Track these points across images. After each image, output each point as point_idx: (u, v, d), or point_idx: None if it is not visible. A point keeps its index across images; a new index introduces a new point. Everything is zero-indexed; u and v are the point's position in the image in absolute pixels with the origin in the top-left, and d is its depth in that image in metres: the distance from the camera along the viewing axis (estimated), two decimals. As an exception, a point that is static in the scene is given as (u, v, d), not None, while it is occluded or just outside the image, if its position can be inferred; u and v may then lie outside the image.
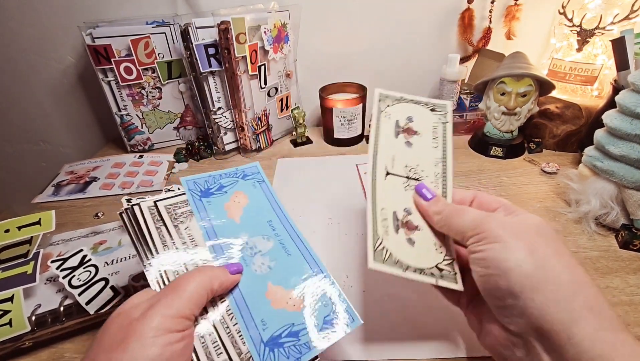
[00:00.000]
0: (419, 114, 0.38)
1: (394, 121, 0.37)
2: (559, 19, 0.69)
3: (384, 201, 0.33)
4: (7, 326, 0.36)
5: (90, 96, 0.86)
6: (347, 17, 0.79)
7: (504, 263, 0.23)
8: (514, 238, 0.24)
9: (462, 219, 0.28)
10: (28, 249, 0.43)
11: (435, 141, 0.37)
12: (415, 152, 0.36)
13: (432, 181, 0.34)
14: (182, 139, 0.83)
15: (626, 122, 0.45)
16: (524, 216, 0.27)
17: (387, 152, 0.35)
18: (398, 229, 0.32)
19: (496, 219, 0.26)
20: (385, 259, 0.30)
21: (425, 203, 0.32)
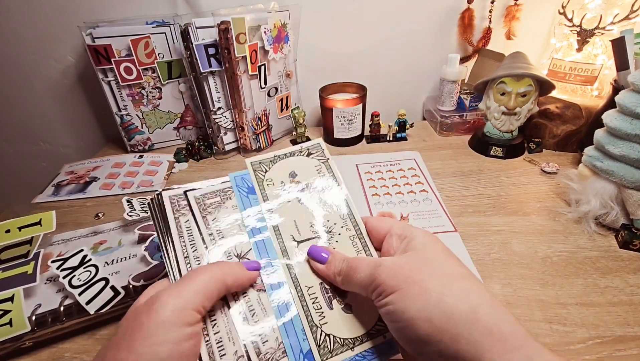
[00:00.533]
0: (299, 165, 0.36)
1: (279, 184, 0.35)
2: (559, 19, 0.69)
3: (306, 278, 0.30)
4: (8, 326, 0.36)
5: (90, 96, 0.86)
6: (347, 17, 0.79)
7: (405, 313, 0.23)
8: (407, 282, 0.24)
9: (357, 276, 0.26)
10: (28, 249, 0.43)
11: (327, 182, 0.35)
12: (313, 206, 0.34)
13: (342, 225, 0.33)
14: (182, 139, 0.83)
15: (626, 122, 0.45)
16: (414, 238, 0.27)
17: (287, 221, 0.33)
18: (331, 302, 0.29)
19: (386, 268, 0.25)
20: (332, 348, 0.27)
21: (323, 267, 0.29)
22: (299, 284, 0.30)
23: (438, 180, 0.63)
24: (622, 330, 0.37)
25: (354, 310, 0.29)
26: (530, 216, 0.53)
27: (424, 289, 0.23)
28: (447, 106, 0.79)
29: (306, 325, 0.28)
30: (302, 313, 0.28)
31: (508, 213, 0.54)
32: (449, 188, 0.61)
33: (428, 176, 0.64)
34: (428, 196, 0.59)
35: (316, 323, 0.28)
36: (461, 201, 0.57)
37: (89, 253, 0.42)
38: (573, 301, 0.40)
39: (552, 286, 0.42)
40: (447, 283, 0.23)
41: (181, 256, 0.30)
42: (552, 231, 0.50)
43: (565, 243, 0.48)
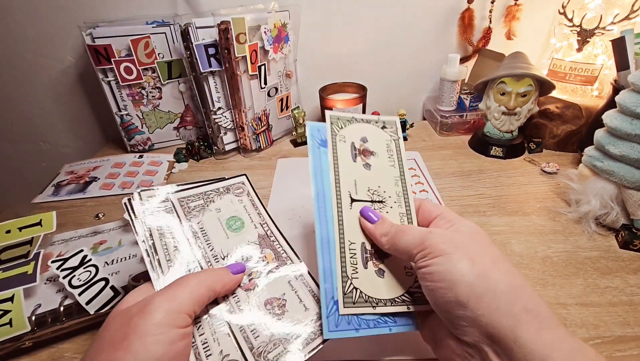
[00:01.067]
0: (372, 133, 0.37)
1: (350, 144, 0.36)
2: (559, 19, 0.69)
3: (351, 233, 0.32)
4: (7, 326, 0.36)
5: (90, 96, 0.86)
6: (347, 17, 0.79)
7: (449, 274, 0.24)
8: (456, 250, 0.25)
9: (406, 238, 0.28)
10: (29, 249, 0.43)
11: (391, 159, 0.37)
12: (375, 174, 0.35)
13: (395, 201, 0.34)
14: (182, 139, 0.83)
15: (626, 122, 0.45)
16: (462, 225, 0.29)
17: (348, 177, 0.34)
18: (367, 262, 0.31)
19: (438, 234, 0.27)
20: (356, 300, 0.29)
21: (372, 226, 0.32)
22: (343, 237, 0.31)
23: (438, 180, 0.63)
24: (622, 330, 0.37)
25: (386, 276, 0.31)
26: (530, 216, 0.53)
27: (473, 259, 0.24)
28: (447, 106, 0.79)
29: (338, 273, 0.30)
30: (339, 262, 0.30)
31: (508, 213, 0.54)
32: (449, 188, 0.61)
33: (428, 176, 0.64)
34: (428, 196, 0.59)
35: (348, 275, 0.30)
36: (461, 201, 0.57)
37: (89, 253, 0.42)
38: (573, 301, 0.40)
39: (552, 286, 0.42)
40: (493, 261, 0.25)
41: (164, 262, 0.30)
42: (552, 231, 0.50)
43: (565, 243, 0.48)
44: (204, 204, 0.35)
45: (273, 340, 0.28)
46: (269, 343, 0.28)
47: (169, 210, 0.34)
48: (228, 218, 0.36)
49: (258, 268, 0.33)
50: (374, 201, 0.34)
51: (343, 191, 0.33)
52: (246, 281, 0.31)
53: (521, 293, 0.23)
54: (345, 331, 0.29)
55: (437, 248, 0.26)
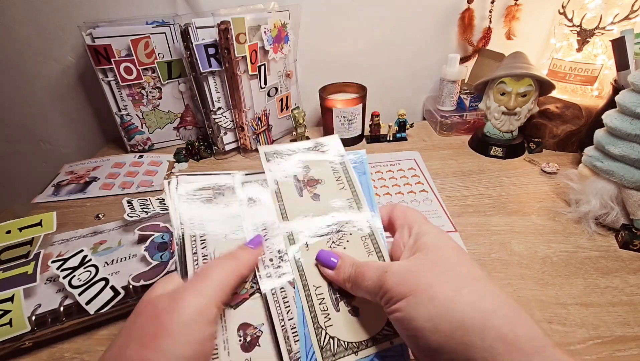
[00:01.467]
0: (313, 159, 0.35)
1: (292, 177, 0.34)
2: (559, 19, 0.69)
3: (315, 277, 0.29)
4: (7, 326, 0.36)
5: (90, 96, 0.86)
6: (347, 17, 0.79)
7: (413, 322, 0.22)
8: (414, 289, 0.23)
9: (365, 282, 0.26)
10: (29, 250, 0.43)
11: (340, 181, 0.34)
12: (326, 202, 0.33)
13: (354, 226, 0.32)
14: (182, 139, 0.83)
15: (626, 122, 0.45)
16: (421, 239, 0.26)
17: (300, 219, 0.32)
18: (338, 303, 0.29)
19: (394, 272, 0.24)
20: (335, 352, 0.27)
21: (333, 273, 0.28)
22: (307, 283, 0.29)
23: (438, 180, 0.63)
24: (622, 330, 0.37)
25: (361, 313, 0.29)
26: (530, 216, 0.53)
27: (433, 296, 0.22)
28: (447, 106, 0.79)
29: (311, 326, 0.27)
30: (308, 314, 0.28)
31: (508, 213, 0.54)
32: (449, 188, 0.61)
33: (428, 176, 0.64)
34: (428, 196, 0.59)
35: (321, 324, 0.28)
36: (461, 201, 0.57)
37: (89, 253, 0.42)
38: (573, 301, 0.40)
39: (552, 286, 0.42)
40: (458, 287, 0.22)
41: (190, 254, 0.29)
42: (552, 231, 0.50)
43: (565, 243, 0.48)
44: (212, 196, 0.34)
45: None
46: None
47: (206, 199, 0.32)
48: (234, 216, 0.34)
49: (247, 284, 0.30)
50: (330, 233, 0.31)
51: (296, 234, 0.31)
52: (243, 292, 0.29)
53: (493, 318, 0.21)
54: None
55: (396, 292, 0.23)
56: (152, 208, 0.51)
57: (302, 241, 0.31)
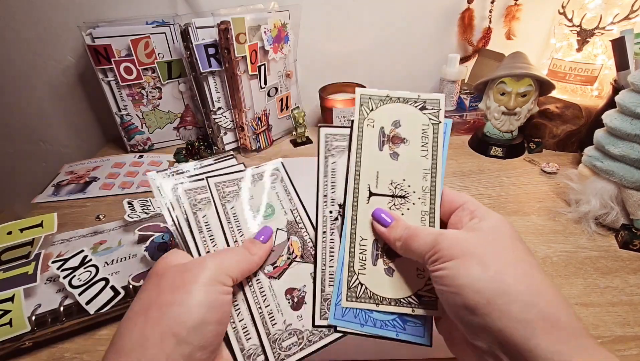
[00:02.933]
0: (408, 115, 0.33)
1: (379, 129, 0.32)
2: (559, 19, 0.69)
3: (364, 230, 0.31)
4: (8, 326, 0.36)
5: (90, 96, 0.86)
6: (347, 17, 0.79)
7: (457, 280, 0.23)
8: (466, 253, 0.24)
9: (417, 243, 0.27)
10: (29, 250, 0.43)
11: (425, 148, 0.32)
12: (402, 165, 0.32)
13: (419, 197, 0.31)
14: (182, 139, 0.83)
15: (626, 122, 0.45)
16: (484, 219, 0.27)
17: (370, 168, 0.32)
18: (377, 259, 0.30)
19: (449, 236, 0.26)
20: (359, 295, 0.29)
21: (385, 230, 0.30)
22: (355, 232, 0.31)
23: (438, 180, 0.63)
24: (622, 330, 0.37)
25: (395, 275, 0.30)
26: (530, 216, 0.53)
27: (483, 263, 0.23)
28: (447, 106, 0.79)
29: (345, 268, 0.30)
30: (347, 257, 0.30)
31: (508, 213, 0.54)
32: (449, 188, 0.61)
33: (428, 176, 0.64)
34: (428, 196, 0.59)
35: (355, 270, 0.30)
36: (461, 201, 0.57)
37: (89, 253, 0.42)
38: (573, 301, 0.40)
39: (552, 286, 0.42)
40: (509, 264, 0.23)
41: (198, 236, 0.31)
42: (552, 231, 0.50)
43: (565, 243, 0.48)
44: (237, 190, 0.35)
45: (289, 329, 0.29)
46: (284, 332, 0.29)
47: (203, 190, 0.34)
48: (260, 205, 0.35)
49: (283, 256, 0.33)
50: (395, 195, 0.31)
51: (362, 184, 0.31)
52: (270, 269, 0.32)
53: (539, 298, 0.22)
54: (349, 323, 0.29)
55: (447, 252, 0.25)
56: (152, 208, 0.51)
57: (365, 193, 0.31)
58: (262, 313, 0.30)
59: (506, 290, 0.22)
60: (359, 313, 0.29)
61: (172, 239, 0.46)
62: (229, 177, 0.35)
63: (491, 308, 0.22)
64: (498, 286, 0.22)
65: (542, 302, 0.21)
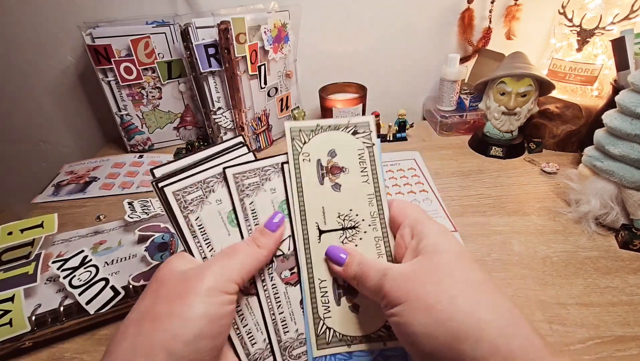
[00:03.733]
0: (342, 143, 0.32)
1: (316, 162, 0.31)
2: (559, 19, 0.69)
3: (321, 270, 0.29)
4: (8, 326, 0.36)
5: (90, 96, 0.86)
6: (347, 17, 0.79)
7: (409, 327, 0.22)
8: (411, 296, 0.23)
9: (367, 284, 0.26)
10: (30, 250, 0.43)
11: (364, 173, 0.31)
12: (346, 195, 0.31)
13: (369, 224, 0.30)
14: (182, 139, 0.83)
15: (626, 122, 0.45)
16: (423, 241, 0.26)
17: (315, 205, 0.30)
18: (340, 298, 0.29)
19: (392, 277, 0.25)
20: (330, 340, 0.28)
21: (341, 270, 0.28)
22: (312, 276, 0.30)
23: (438, 180, 0.63)
24: (622, 330, 0.37)
25: (361, 311, 0.29)
26: (530, 216, 0.53)
27: (429, 305, 0.22)
28: (447, 106, 0.79)
29: (310, 316, 0.29)
30: (309, 303, 0.29)
31: (508, 213, 0.54)
32: (449, 188, 0.61)
33: (428, 176, 0.64)
34: (428, 196, 0.59)
35: (320, 315, 0.29)
36: (461, 201, 0.57)
37: (89, 253, 0.42)
38: (573, 301, 0.40)
39: (552, 286, 0.42)
40: (455, 296, 0.22)
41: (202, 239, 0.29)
42: (552, 231, 0.50)
43: (565, 243, 0.48)
44: (259, 182, 0.31)
45: (300, 338, 0.29)
46: (296, 340, 0.29)
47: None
48: (281, 202, 0.32)
49: None
50: (345, 228, 0.30)
51: (310, 223, 0.30)
52: (288, 275, 0.30)
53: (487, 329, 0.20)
54: None
55: (394, 297, 0.24)
56: (152, 209, 0.51)
57: (315, 232, 0.30)
58: (276, 320, 0.29)
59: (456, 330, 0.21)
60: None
61: (172, 239, 0.46)
62: (247, 167, 0.31)
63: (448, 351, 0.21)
64: (448, 327, 0.21)
65: (492, 333, 0.20)
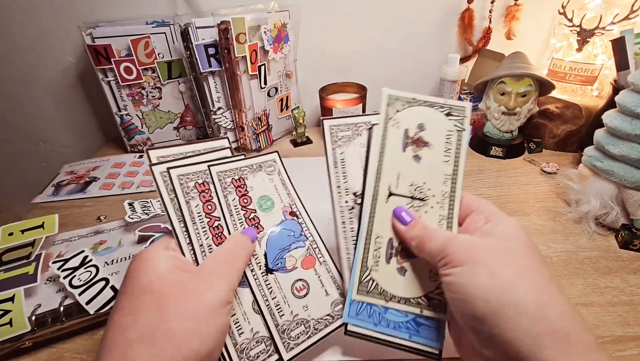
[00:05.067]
0: (433, 120, 0.33)
1: (403, 131, 0.32)
2: (559, 19, 0.69)
3: (381, 227, 0.31)
4: (8, 326, 0.36)
5: (90, 96, 0.86)
6: (347, 17, 0.79)
7: (465, 288, 0.23)
8: (476, 260, 0.23)
9: (430, 244, 0.27)
10: (30, 251, 0.44)
11: (447, 153, 0.32)
12: (423, 168, 0.32)
13: (438, 201, 0.31)
14: (182, 139, 0.82)
15: (626, 122, 0.45)
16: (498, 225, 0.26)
17: (392, 169, 0.32)
18: (390, 258, 0.31)
19: (459, 242, 0.25)
20: (370, 290, 0.30)
21: (403, 229, 0.30)
22: (371, 229, 0.31)
23: (438, 180, 0.63)
24: (622, 330, 0.37)
25: (407, 275, 0.30)
26: (530, 216, 0.53)
27: (492, 272, 0.23)
28: (447, 106, 0.79)
29: (359, 263, 0.30)
30: (361, 253, 0.31)
31: (508, 213, 0.53)
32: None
33: (428, 176, 0.64)
34: (428, 196, 0.59)
35: (368, 265, 0.30)
36: (461, 201, 0.57)
37: (90, 253, 0.42)
38: (573, 301, 0.40)
39: (552, 286, 0.42)
40: (520, 274, 0.23)
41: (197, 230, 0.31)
42: (552, 231, 0.50)
43: (565, 243, 0.48)
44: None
45: (296, 319, 0.30)
46: (292, 322, 0.30)
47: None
48: (259, 197, 0.34)
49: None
50: (414, 197, 0.31)
51: (382, 183, 0.32)
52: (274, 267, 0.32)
53: (549, 311, 0.21)
54: (364, 322, 0.30)
55: (457, 258, 0.24)
56: (153, 209, 0.51)
57: (385, 192, 0.32)
58: (270, 305, 0.30)
59: (515, 301, 0.21)
60: (373, 313, 0.30)
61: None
62: (229, 167, 0.33)
63: (500, 318, 0.21)
64: (507, 297, 0.21)
65: (552, 315, 0.21)
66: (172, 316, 0.23)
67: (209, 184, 0.32)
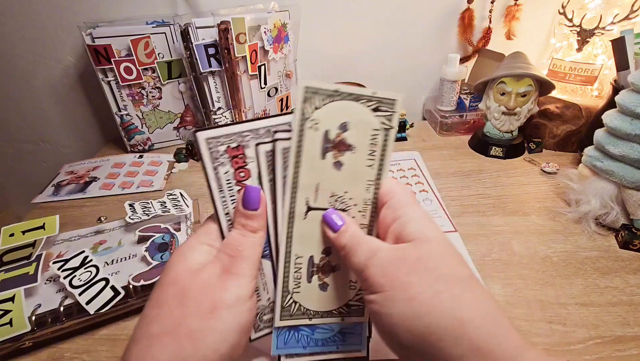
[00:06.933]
0: (357, 117, 0.27)
1: (323, 133, 0.27)
2: (559, 19, 0.69)
3: (300, 246, 0.28)
4: (8, 326, 0.36)
5: (90, 96, 0.86)
6: (347, 17, 0.79)
7: (388, 318, 0.22)
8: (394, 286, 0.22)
9: (353, 260, 0.25)
10: (31, 251, 0.44)
11: (372, 156, 0.28)
12: (345, 176, 0.28)
13: (360, 210, 0.29)
14: (182, 139, 0.83)
15: (626, 122, 0.45)
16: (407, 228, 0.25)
17: (310, 180, 0.27)
18: (312, 276, 0.29)
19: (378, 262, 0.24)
20: (293, 312, 0.29)
21: (334, 236, 0.27)
22: (290, 251, 0.28)
23: (438, 180, 0.63)
24: (622, 330, 0.37)
25: (329, 290, 0.30)
26: (530, 216, 0.53)
27: (411, 297, 0.22)
28: (447, 106, 0.79)
29: (279, 289, 0.29)
30: (281, 279, 0.29)
31: (508, 213, 0.54)
32: (449, 188, 0.61)
33: (428, 176, 0.64)
34: (428, 196, 0.59)
35: (290, 290, 0.29)
36: (461, 201, 0.57)
37: (90, 253, 0.42)
38: (573, 301, 0.40)
39: (552, 286, 0.42)
40: (438, 290, 0.22)
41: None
42: (552, 231, 0.50)
43: (565, 243, 0.48)
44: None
45: (271, 305, 0.30)
46: (267, 308, 0.30)
47: None
48: None
49: None
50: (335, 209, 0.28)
51: (299, 198, 0.28)
52: None
53: (469, 327, 0.20)
54: (294, 348, 0.30)
55: (375, 283, 0.23)
56: (153, 210, 0.51)
57: (302, 208, 0.28)
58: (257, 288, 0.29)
59: (436, 326, 0.21)
60: (301, 338, 0.30)
61: (172, 239, 0.46)
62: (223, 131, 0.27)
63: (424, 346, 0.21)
64: (427, 322, 0.21)
65: (473, 332, 0.20)
66: (193, 313, 0.23)
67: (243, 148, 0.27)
